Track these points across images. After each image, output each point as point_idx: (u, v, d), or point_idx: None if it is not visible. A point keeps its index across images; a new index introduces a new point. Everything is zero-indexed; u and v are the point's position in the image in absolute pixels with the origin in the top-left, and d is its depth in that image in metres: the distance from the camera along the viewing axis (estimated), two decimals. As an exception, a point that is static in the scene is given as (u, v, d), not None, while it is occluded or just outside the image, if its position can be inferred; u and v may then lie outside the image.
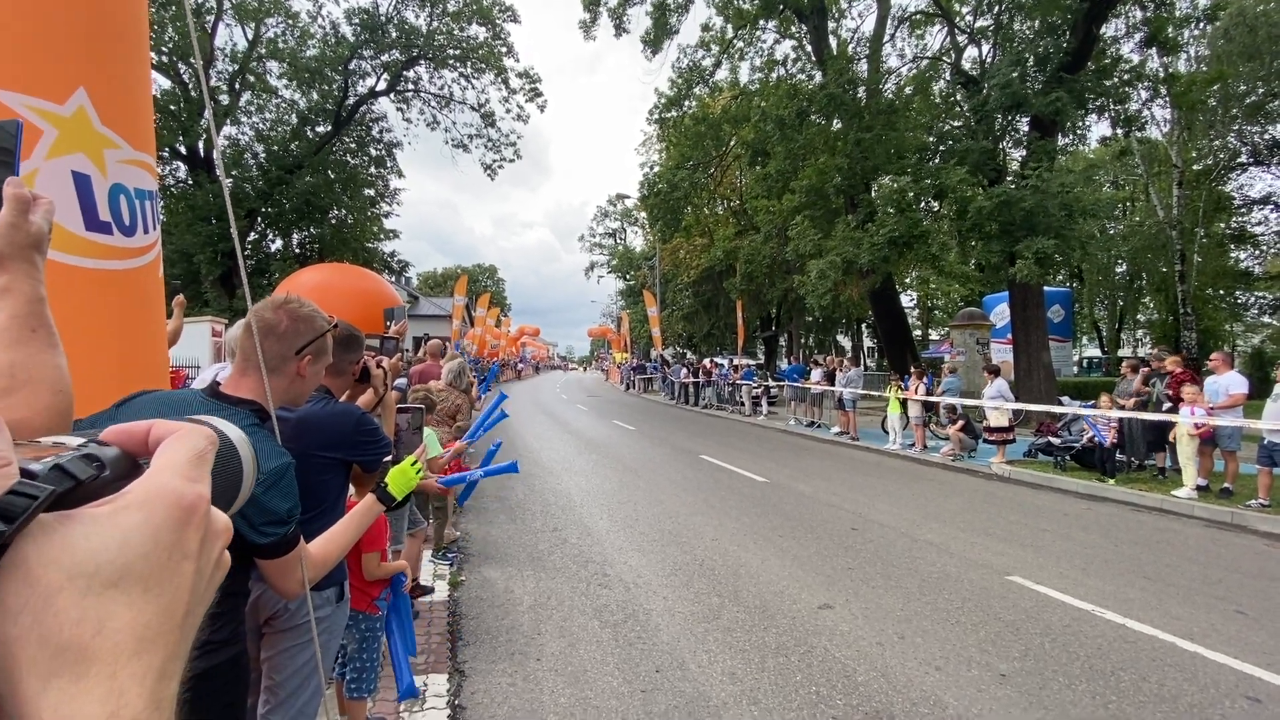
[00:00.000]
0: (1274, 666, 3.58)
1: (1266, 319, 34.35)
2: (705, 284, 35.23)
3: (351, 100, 24.74)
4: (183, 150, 22.14)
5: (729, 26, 20.01)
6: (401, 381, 5.53)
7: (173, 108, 20.67)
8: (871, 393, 14.02)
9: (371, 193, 27.95)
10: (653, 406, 23.70)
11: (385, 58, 24.44)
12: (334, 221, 26.13)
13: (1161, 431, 8.50)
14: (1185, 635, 3.97)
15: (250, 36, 22.65)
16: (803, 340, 40.23)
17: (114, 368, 1.93)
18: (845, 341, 44.22)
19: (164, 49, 19.95)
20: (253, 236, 25.12)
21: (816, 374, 15.87)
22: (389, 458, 2.05)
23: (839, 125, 16.44)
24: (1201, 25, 16.70)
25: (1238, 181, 27.62)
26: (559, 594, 4.71)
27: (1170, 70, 16.10)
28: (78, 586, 0.29)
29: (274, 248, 27.45)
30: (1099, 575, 5.12)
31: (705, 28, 20.66)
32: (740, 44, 20.66)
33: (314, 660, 1.88)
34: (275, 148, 23.97)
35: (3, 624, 0.29)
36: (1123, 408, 8.82)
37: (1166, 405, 8.37)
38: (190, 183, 23.09)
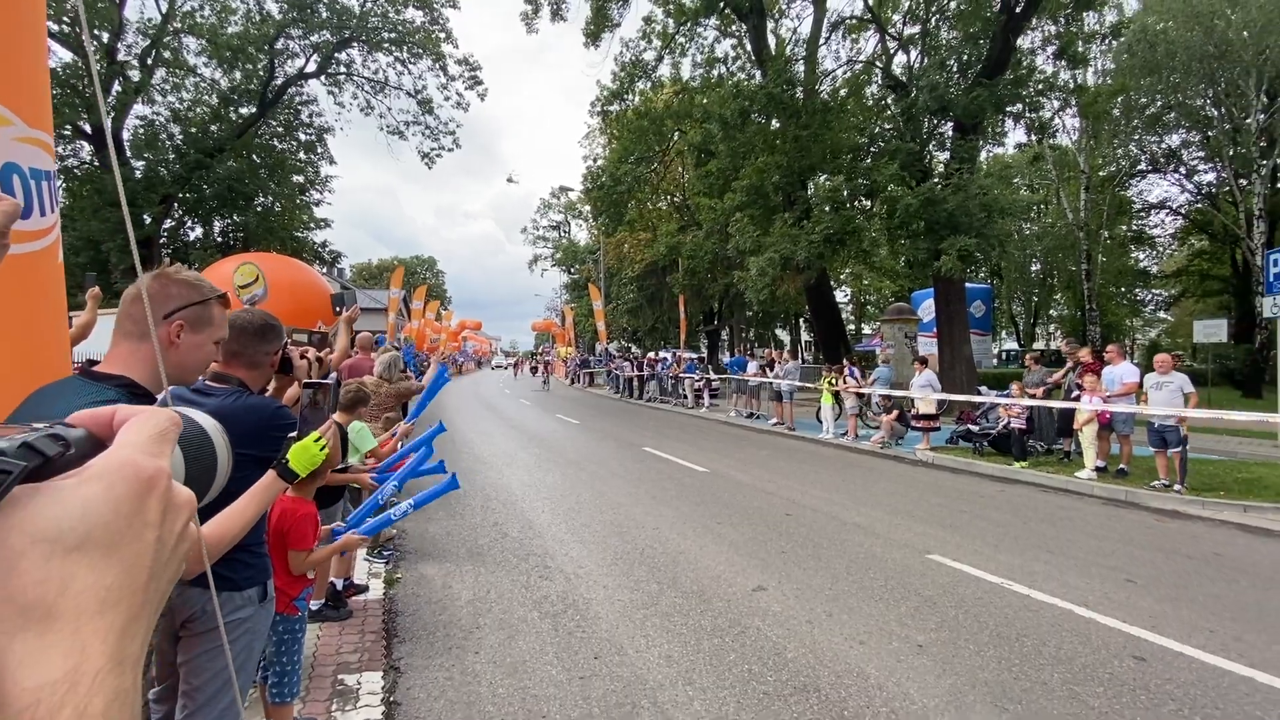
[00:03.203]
0: (1158, 629, 3.96)
1: (1161, 314, 37.55)
2: (649, 278, 35.46)
3: (278, 81, 23.48)
4: (87, 129, 20.47)
5: (670, 21, 20.14)
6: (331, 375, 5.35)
7: (75, 82, 19.06)
8: (807, 385, 14.50)
9: (301, 179, 26.65)
10: (597, 400, 23.71)
11: (315, 38, 23.30)
12: (260, 209, 24.77)
13: (1068, 418, 9.19)
14: (1081, 603, 4.34)
15: (164, 9, 21.12)
16: (744, 334, 41.11)
17: (6, 355, 1.81)
18: (784, 335, 45.40)
19: (65, 18, 18.36)
20: (169, 223, 23.55)
21: (754, 366, 16.28)
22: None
23: (778, 124, 16.86)
24: (1107, 41, 18.04)
25: (1137, 187, 29.99)
26: (499, 588, 4.69)
27: (1079, 82, 17.31)
28: (41, 550, 0.31)
29: (193, 236, 25.81)
30: (1008, 551, 5.51)
31: (647, 20, 20.73)
32: (682, 40, 20.83)
33: (235, 663, 1.82)
34: (194, 129, 22.48)
35: None
36: (1033, 397, 9.48)
37: (1075, 393, 9.05)
38: (96, 164, 21.39)
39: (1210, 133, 23.95)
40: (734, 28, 20.47)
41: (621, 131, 22.84)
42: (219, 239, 25.41)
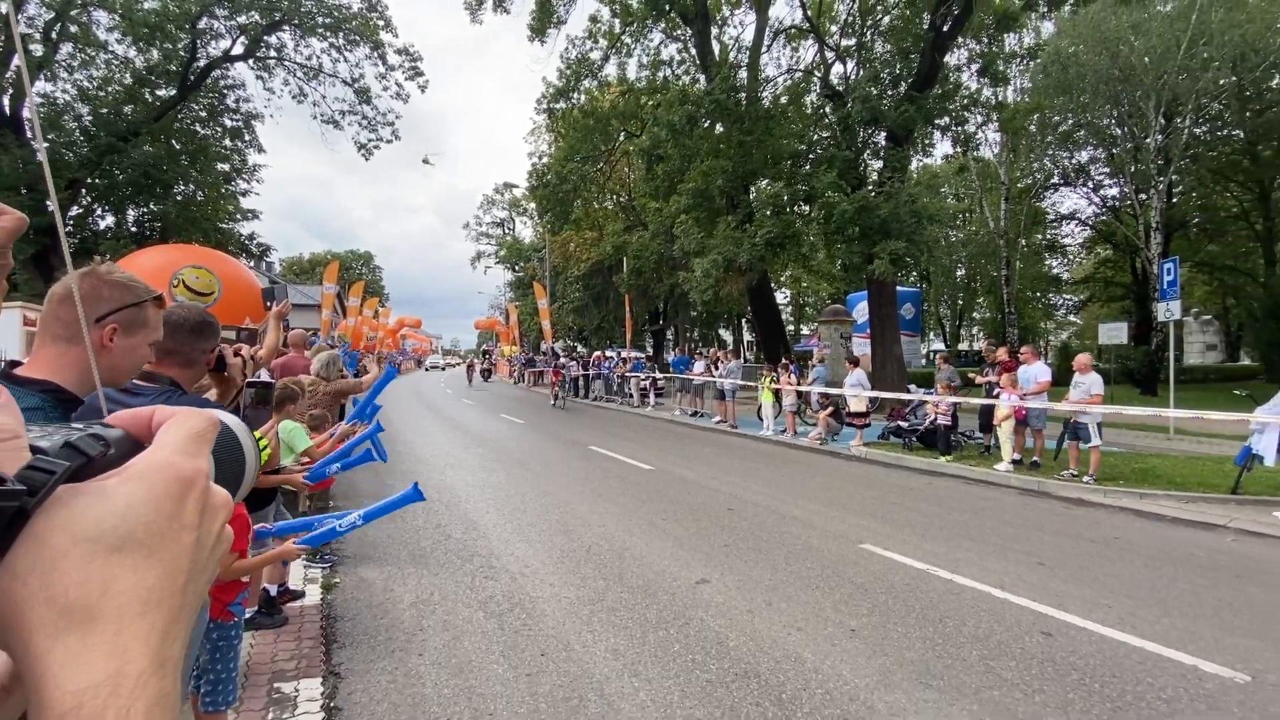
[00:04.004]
0: (1064, 606, 4.31)
1: (1072, 318, 40.46)
2: (595, 278, 35.43)
3: (201, 63, 22.11)
4: (-21, 107, 18.68)
5: (617, 22, 20.21)
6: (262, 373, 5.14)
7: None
8: (749, 383, 14.87)
9: (226, 167, 25.19)
10: (543, 400, 23.51)
11: (242, 19, 22.06)
12: (180, 198, 23.26)
13: (989, 414, 9.81)
14: (998, 585, 4.67)
15: (70, -22, 19.51)
16: (688, 333, 41.65)
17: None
18: (727, 335, 46.26)
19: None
20: (76, 211, 21.80)
21: (700, 365, 16.56)
22: None
23: (722, 129, 17.19)
24: (1025, 62, 19.27)
25: (1051, 199, 32.18)
26: (443, 589, 4.63)
27: (1000, 99, 18.45)
28: (83, 551, 0.31)
29: (104, 225, 23.98)
30: (934, 539, 5.86)
31: (594, 20, 20.73)
32: (628, 40, 20.94)
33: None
34: (105, 110, 20.88)
35: (13, 586, 0.30)
36: (946, 390, 10.07)
37: (995, 391, 9.67)
38: (-10, 144, 19.55)
39: (1114, 150, 25.97)
40: (679, 31, 20.73)
41: (568, 130, 22.74)
42: (133, 229, 23.70)
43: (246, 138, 25.22)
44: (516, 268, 49.58)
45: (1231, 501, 7.13)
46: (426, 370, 56.05)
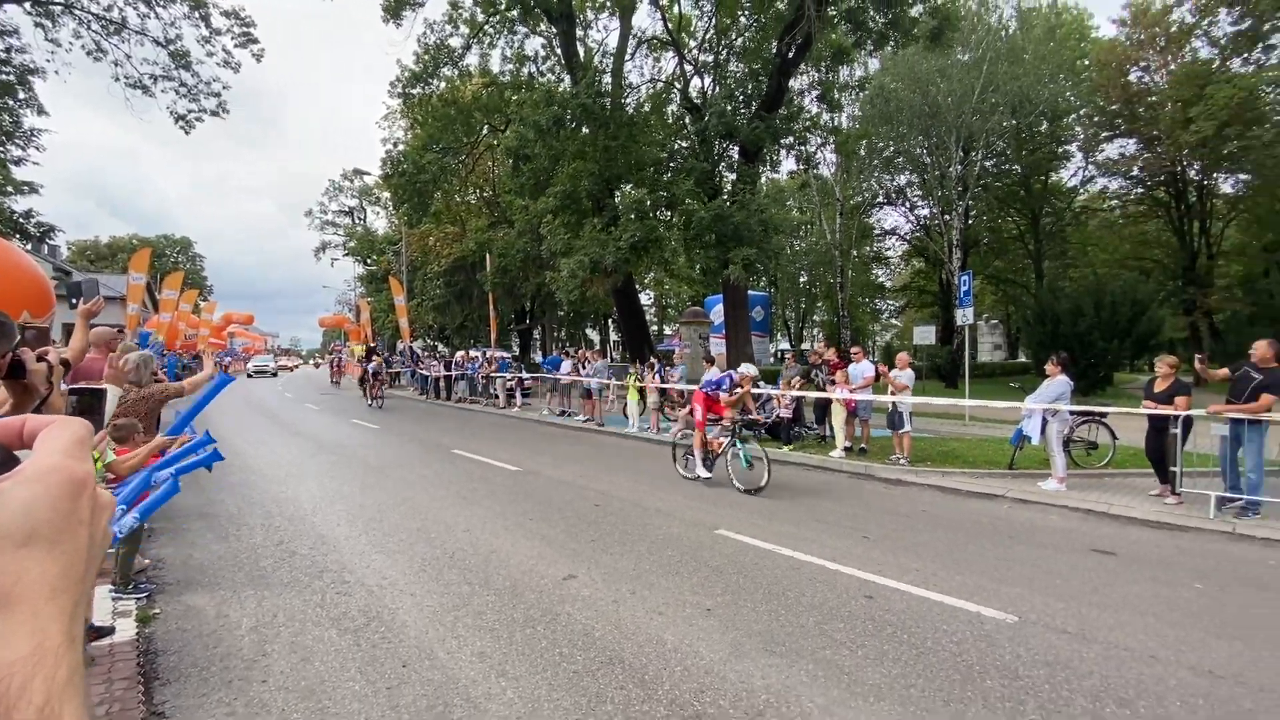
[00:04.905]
0: (882, 572, 4.97)
1: (894, 321, 46.06)
2: (457, 274, 34.06)
3: (-47, -1, 18.13)
4: None
5: (479, 11, 19.63)
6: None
7: None
8: (616, 382, 15.21)
9: (-9, 130, 20.90)
10: (400, 403, 22.20)
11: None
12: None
13: (824, 407, 10.93)
14: (830, 558, 5.28)
15: None
16: (556, 333, 41.47)
17: None
18: (594, 335, 46.71)
19: None
20: None
21: (568, 365, 16.63)
22: None
23: (587, 132, 17.38)
24: (855, 93, 21.60)
25: (877, 216, 36.41)
26: (288, 610, 4.29)
27: (835, 124, 20.52)
28: None
29: None
30: (780, 522, 6.46)
31: (454, 5, 19.94)
32: (491, 31, 20.43)
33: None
34: None
35: None
36: (790, 385, 11.11)
37: (829, 385, 10.79)
38: None
39: (925, 176, 29.93)
40: (543, 27, 20.62)
41: (425, 118, 21.67)
42: None
43: (21, 95, 21.12)
44: (369, 261, 46.20)
45: (1009, 476, 8.61)
46: (250, 375, 40.98)
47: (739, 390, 8.36)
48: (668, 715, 3.02)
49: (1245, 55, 21.69)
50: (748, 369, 8.80)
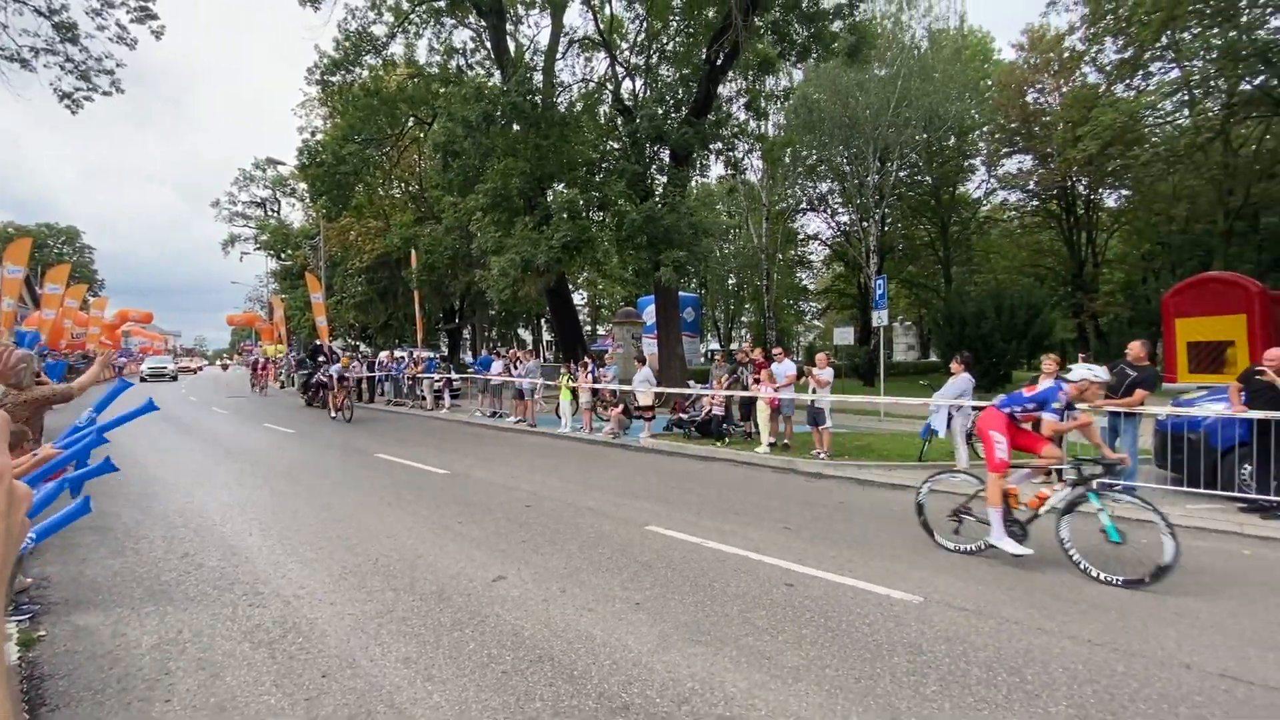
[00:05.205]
0: (802, 561, 5.22)
1: (817, 322, 48.00)
2: (381, 271, 32.73)
3: None
4: None
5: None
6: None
7: None
8: (549, 382, 15.11)
9: None
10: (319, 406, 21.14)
11: None
12: None
13: (750, 404, 11.30)
14: (754, 549, 5.49)
15: None
16: (486, 332, 40.63)
17: None
18: (526, 335, 46.10)
19: None
20: None
21: (499, 365, 16.37)
22: None
23: (519, 129, 17.17)
24: (781, 102, 22.40)
25: (800, 221, 37.86)
26: (194, 625, 4.05)
27: (762, 131, 21.19)
28: None
29: None
30: (708, 516, 6.65)
31: (378, -9, 19.20)
32: (417, 21, 19.81)
33: None
34: None
35: None
36: (720, 384, 11.45)
37: (754, 384, 11.17)
38: None
39: (845, 184, 31.40)
40: (472, 20, 20.20)
41: (346, 107, 20.75)
42: None
43: None
44: (283, 256, 43.63)
45: (919, 467, 9.20)
46: (145, 378, 35.96)
47: (1077, 413, 5.74)
48: (597, 708, 3.07)
49: (1127, 81, 24.01)
50: (1088, 371, 5.26)
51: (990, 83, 32.33)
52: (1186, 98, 22.95)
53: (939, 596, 4.49)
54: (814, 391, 9.96)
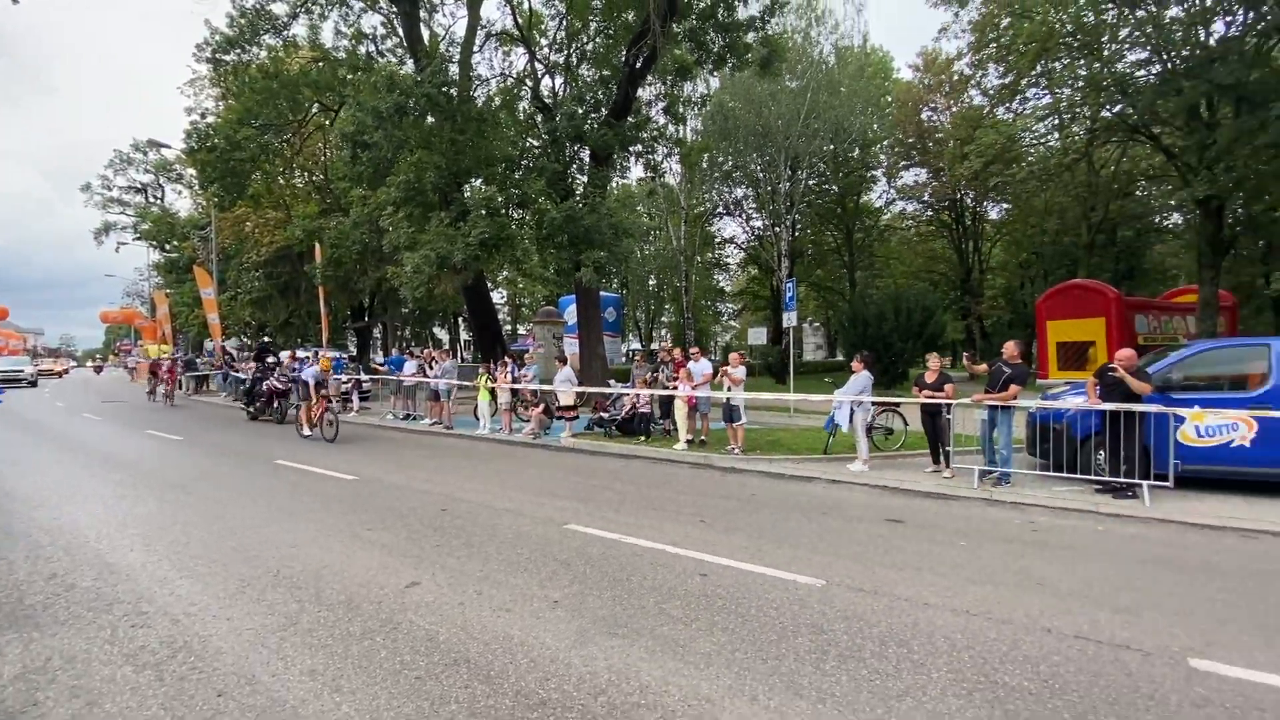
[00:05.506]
0: (716, 552, 5.42)
1: (734, 323, 49.50)
2: (281, 265, 30.66)
3: None
4: None
5: (308, -23, 17.92)
6: None
7: None
8: (465, 383, 14.74)
9: None
10: (211, 410, 19.56)
11: None
12: None
13: (669, 403, 11.55)
14: (670, 543, 5.65)
15: None
16: (399, 331, 39.00)
17: None
18: (443, 334, 44.65)
19: None
20: None
21: (410, 366, 15.80)
22: None
23: (434, 121, 16.60)
24: (698, 108, 22.94)
25: (718, 225, 38.94)
26: (66, 651, 3.69)
27: (680, 136, 21.62)
28: None
29: None
30: (627, 513, 6.76)
31: (278, -33, 17.98)
32: (323, 1, 18.72)
33: None
34: None
35: None
36: (643, 383, 11.64)
37: (674, 383, 11.42)
38: None
39: (759, 190, 32.60)
40: (383, 4, 19.35)
41: (243, 89, 19.30)
42: None
43: None
44: (168, 247, 39.95)
45: (824, 460, 9.75)
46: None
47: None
48: (513, 706, 3.09)
49: (1008, 105, 26.39)
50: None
51: (890, 99, 34.58)
52: (1057, 122, 25.51)
53: (839, 579, 4.81)
54: (729, 389, 10.32)
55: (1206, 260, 17.16)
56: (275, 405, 15.96)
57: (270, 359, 18.16)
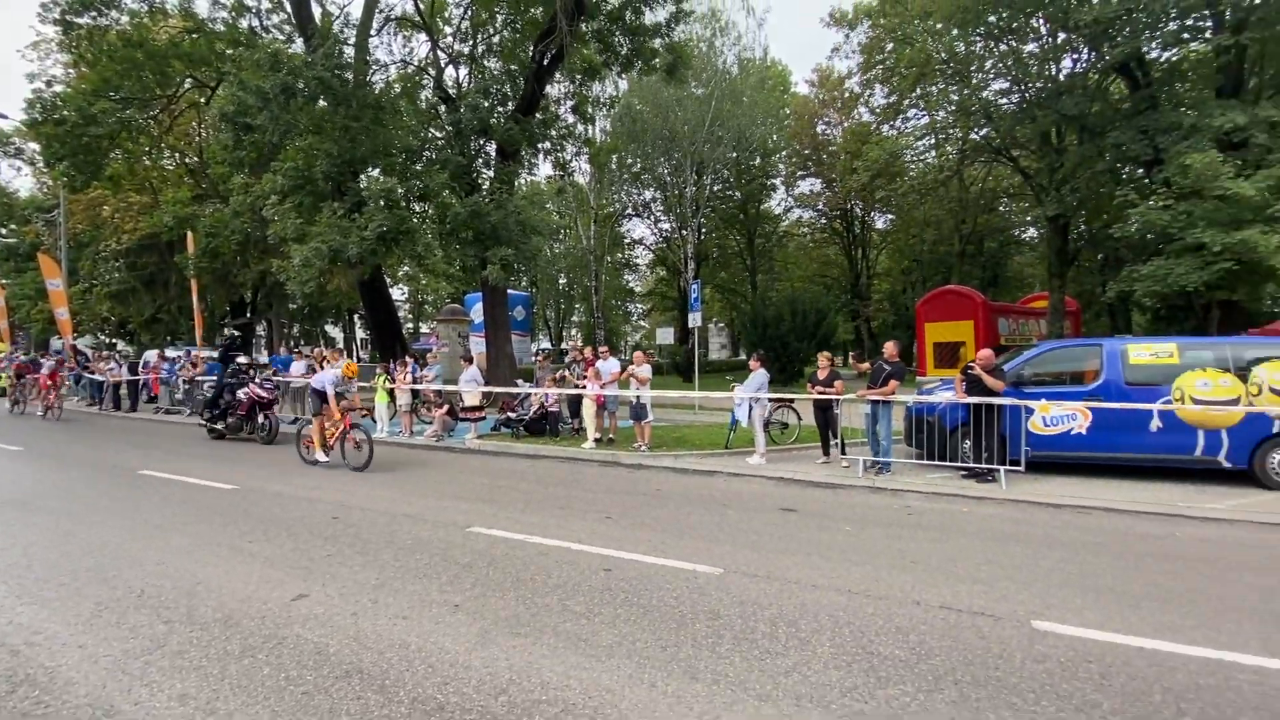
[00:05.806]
0: (621, 547, 5.50)
1: (643, 323, 50.17)
2: (147, 255, 27.66)
3: None
4: None
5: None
6: None
7: None
8: (362, 384, 13.97)
9: None
10: (63, 415, 17.30)
11: None
12: None
13: (577, 401, 11.56)
14: (576, 540, 5.68)
15: None
16: (286, 329, 36.31)
17: None
18: (336, 332, 42.07)
19: None
20: None
21: (299, 366, 14.78)
22: None
23: (325, 104, 15.61)
24: (606, 109, 23.04)
25: (627, 226, 39.33)
26: None
27: (589, 136, 21.63)
28: None
29: None
30: (532, 512, 6.72)
31: (141, -73, 16.25)
32: (197, -33, 17.13)
33: None
34: None
35: None
36: (541, 384, 11.60)
37: (582, 382, 11.44)
38: None
39: (666, 194, 33.25)
40: (268, -22, 17.98)
41: (99, 57, 17.27)
42: None
43: None
44: (4, 231, 34.90)
45: (726, 455, 10.14)
46: None
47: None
48: (409, 714, 3.01)
49: (891, 123, 28.60)
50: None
51: (789, 111, 36.38)
52: (933, 141, 27.93)
53: (736, 567, 5.05)
54: (636, 388, 10.48)
55: (1055, 270, 19.47)
56: (262, 420, 12.32)
57: (242, 358, 14.02)
